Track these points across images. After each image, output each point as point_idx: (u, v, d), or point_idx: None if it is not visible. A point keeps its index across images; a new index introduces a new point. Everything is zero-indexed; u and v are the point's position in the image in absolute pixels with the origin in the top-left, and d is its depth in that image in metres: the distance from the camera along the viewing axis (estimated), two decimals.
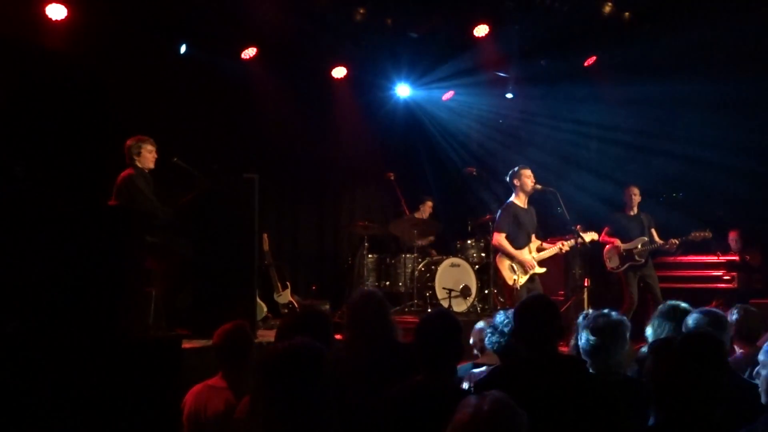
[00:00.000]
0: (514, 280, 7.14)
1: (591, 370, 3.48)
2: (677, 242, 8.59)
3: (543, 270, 7.42)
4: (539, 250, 7.41)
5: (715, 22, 8.68)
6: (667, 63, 9.45)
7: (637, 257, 8.49)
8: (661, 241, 8.57)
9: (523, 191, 7.36)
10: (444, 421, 2.11)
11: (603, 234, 8.59)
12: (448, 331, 3.27)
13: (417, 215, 9.95)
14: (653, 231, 8.66)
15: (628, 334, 3.61)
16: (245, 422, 3.16)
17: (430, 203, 10.20)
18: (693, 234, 8.54)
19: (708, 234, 8.57)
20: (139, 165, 6.58)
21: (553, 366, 3.21)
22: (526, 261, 7.23)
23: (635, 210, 8.70)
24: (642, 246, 8.50)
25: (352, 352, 3.63)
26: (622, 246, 8.54)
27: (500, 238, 7.26)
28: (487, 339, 4.10)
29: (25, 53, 7.02)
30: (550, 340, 3.26)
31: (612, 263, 8.66)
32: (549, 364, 3.20)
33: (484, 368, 4.14)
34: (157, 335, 5.47)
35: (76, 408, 3.19)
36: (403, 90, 10.74)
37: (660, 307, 4.30)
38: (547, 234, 8.31)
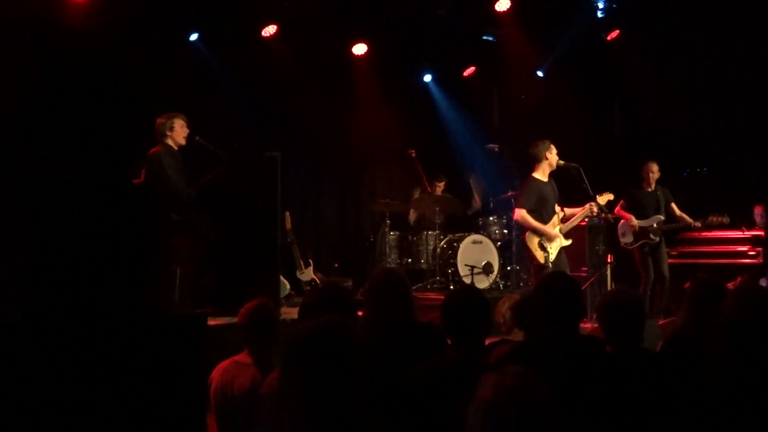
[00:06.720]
0: (545, 257, 7.07)
1: (612, 348, 3.47)
2: (700, 224, 8.53)
3: (569, 242, 7.36)
4: (564, 220, 7.35)
5: None
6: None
7: (651, 236, 8.41)
8: (684, 216, 8.49)
9: (548, 166, 7.31)
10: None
11: (618, 208, 8.51)
12: (474, 307, 3.27)
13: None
14: (673, 205, 8.58)
15: (645, 310, 3.60)
16: (272, 399, 3.18)
17: (442, 183, 10.03)
18: (710, 218, 8.44)
19: (726, 219, 8.47)
20: (169, 142, 6.59)
21: (572, 344, 3.21)
22: (550, 233, 7.17)
23: (653, 186, 8.61)
24: (657, 225, 8.43)
25: (369, 330, 3.64)
26: (637, 222, 8.47)
27: (523, 213, 7.20)
28: None
29: (48, 33, 7.04)
30: (571, 318, 3.27)
31: (626, 239, 8.58)
32: (568, 342, 3.21)
33: None
34: (182, 312, 5.53)
35: (103, 383, 3.24)
36: (425, 66, 10.68)
37: None
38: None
